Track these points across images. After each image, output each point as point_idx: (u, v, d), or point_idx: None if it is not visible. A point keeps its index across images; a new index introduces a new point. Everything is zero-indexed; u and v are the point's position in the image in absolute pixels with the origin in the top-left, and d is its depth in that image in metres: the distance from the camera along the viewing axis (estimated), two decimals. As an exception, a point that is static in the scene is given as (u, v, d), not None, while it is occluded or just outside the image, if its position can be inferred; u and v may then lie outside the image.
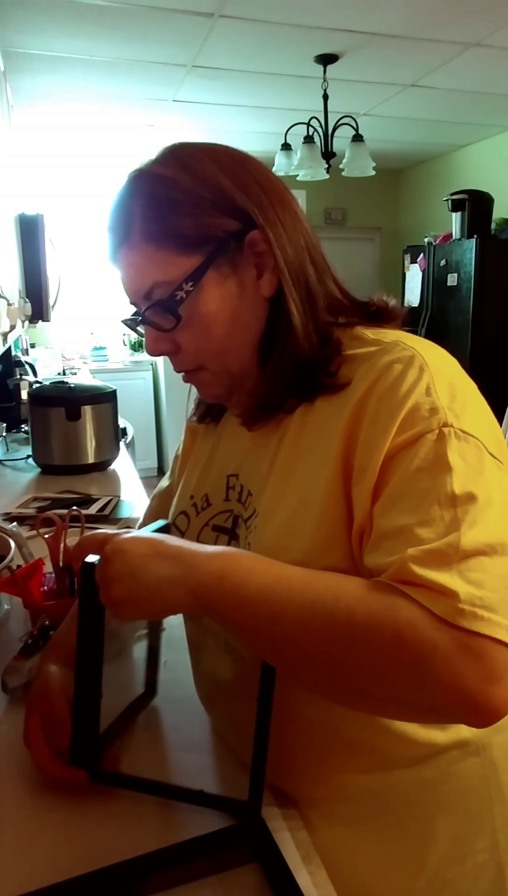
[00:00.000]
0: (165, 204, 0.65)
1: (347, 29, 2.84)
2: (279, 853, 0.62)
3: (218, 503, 0.78)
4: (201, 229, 0.65)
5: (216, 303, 0.67)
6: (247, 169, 0.68)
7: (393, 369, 0.60)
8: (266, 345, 0.70)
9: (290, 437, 0.69)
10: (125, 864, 0.61)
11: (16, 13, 2.62)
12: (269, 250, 0.67)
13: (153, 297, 0.67)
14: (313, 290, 0.69)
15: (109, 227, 0.70)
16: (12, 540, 1.09)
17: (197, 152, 0.68)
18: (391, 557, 0.54)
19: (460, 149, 5.13)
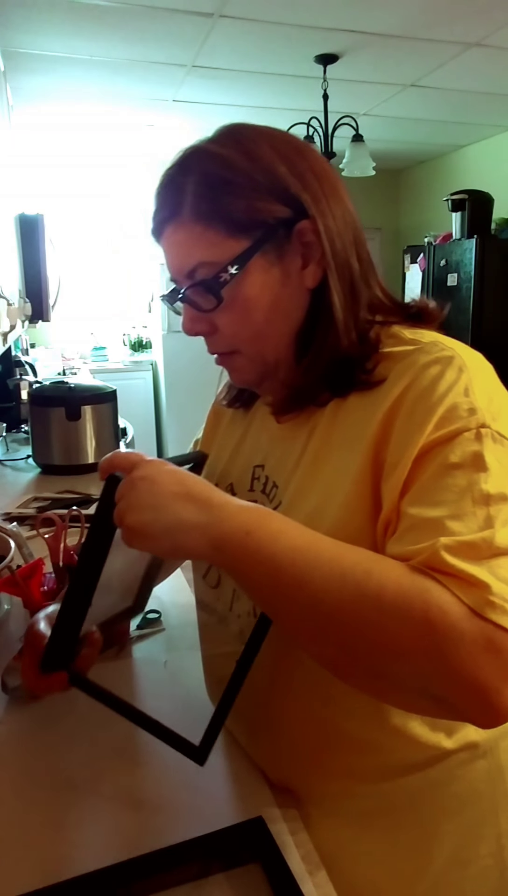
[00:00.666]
0: (218, 184, 0.64)
1: (347, 29, 2.84)
2: (280, 853, 0.62)
3: (242, 493, 0.77)
4: (252, 213, 0.64)
5: (259, 288, 0.66)
6: (304, 157, 0.67)
7: (432, 369, 0.60)
8: (304, 336, 0.69)
9: (320, 430, 0.69)
10: (125, 864, 0.61)
11: (16, 13, 2.62)
12: (317, 241, 0.66)
13: (196, 277, 0.66)
14: (357, 285, 0.69)
15: (158, 201, 0.69)
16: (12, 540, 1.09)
17: (256, 135, 0.66)
18: (419, 545, 0.53)
19: (460, 149, 5.13)
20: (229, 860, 0.63)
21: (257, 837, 0.64)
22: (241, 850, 0.63)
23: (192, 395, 5.02)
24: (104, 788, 0.72)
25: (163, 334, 4.92)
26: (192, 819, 0.67)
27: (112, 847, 0.64)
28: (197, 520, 0.55)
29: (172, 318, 4.90)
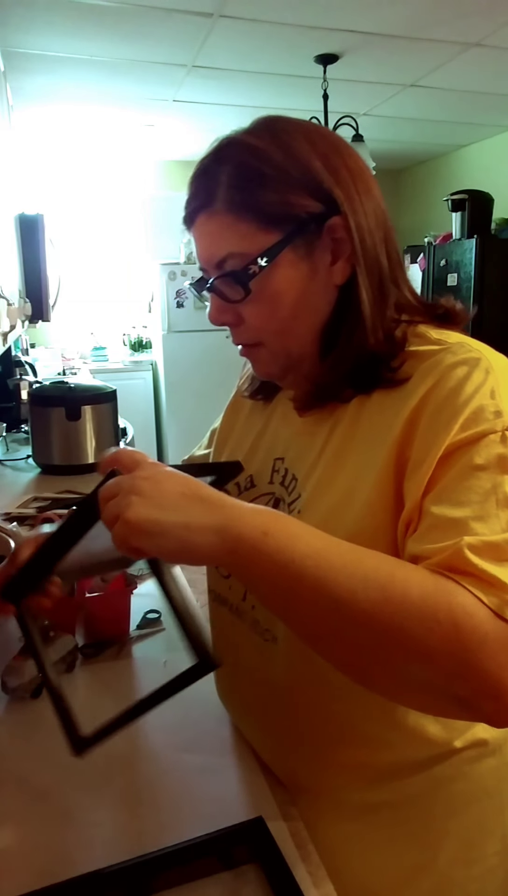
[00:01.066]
0: (253, 176, 0.64)
1: (347, 29, 2.84)
2: (280, 853, 0.62)
3: (262, 485, 0.78)
4: (285, 207, 0.64)
5: (287, 282, 0.66)
6: (340, 153, 0.67)
7: (459, 369, 0.60)
8: (329, 332, 0.69)
9: (342, 427, 0.69)
10: (125, 864, 0.61)
11: (16, 13, 2.62)
12: (347, 238, 0.66)
13: (225, 267, 0.67)
14: (386, 284, 0.69)
15: (192, 190, 0.69)
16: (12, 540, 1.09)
17: (292, 128, 0.67)
18: (441, 544, 0.53)
19: (460, 149, 5.13)
20: (229, 860, 0.63)
21: (257, 837, 0.64)
22: (241, 850, 0.63)
23: (192, 395, 5.02)
24: (104, 789, 0.72)
25: (163, 334, 4.92)
26: (192, 819, 0.67)
27: (112, 847, 0.64)
28: (208, 520, 0.51)
29: (172, 318, 4.90)
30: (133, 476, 0.53)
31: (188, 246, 4.92)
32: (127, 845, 0.64)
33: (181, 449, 5.07)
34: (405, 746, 0.70)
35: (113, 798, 0.71)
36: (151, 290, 5.11)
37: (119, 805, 0.70)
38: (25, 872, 0.62)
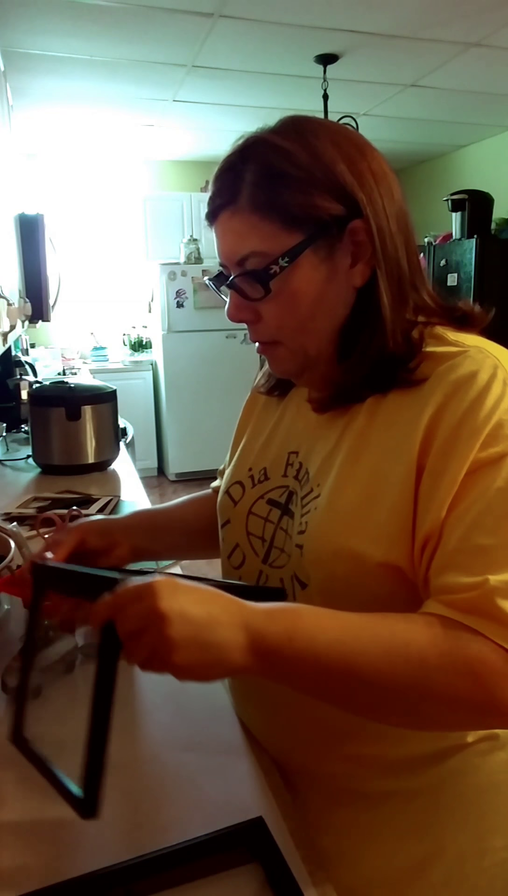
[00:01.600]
0: (278, 176, 0.65)
1: (347, 29, 2.84)
2: (280, 853, 0.62)
3: (276, 478, 0.79)
4: (308, 209, 0.65)
5: (307, 282, 0.67)
6: (364, 155, 0.68)
7: (478, 380, 0.61)
8: (347, 333, 0.70)
9: (358, 425, 0.70)
10: (125, 864, 0.61)
11: (16, 13, 2.62)
12: (368, 241, 0.67)
13: (246, 265, 0.67)
14: (405, 287, 0.70)
15: (216, 186, 0.69)
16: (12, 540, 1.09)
17: (319, 130, 0.67)
18: (470, 578, 0.56)
19: (460, 149, 5.13)
20: (229, 860, 0.62)
21: (257, 837, 0.64)
22: (241, 850, 0.63)
23: (192, 395, 5.02)
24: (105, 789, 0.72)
25: (163, 334, 4.92)
26: (192, 819, 0.67)
27: (112, 847, 0.64)
28: (240, 640, 0.54)
29: (172, 318, 4.90)
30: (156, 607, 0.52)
31: (188, 246, 4.93)
32: (127, 845, 0.64)
33: (181, 449, 5.08)
34: (417, 740, 0.71)
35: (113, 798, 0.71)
36: (151, 290, 5.12)
37: (119, 805, 0.70)
38: (25, 872, 0.62)
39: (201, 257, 4.93)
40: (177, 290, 4.86)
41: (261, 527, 0.78)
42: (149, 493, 2.03)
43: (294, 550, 0.71)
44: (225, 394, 5.05)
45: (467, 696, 0.55)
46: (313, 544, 0.68)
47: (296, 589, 0.71)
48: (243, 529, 0.80)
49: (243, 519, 0.80)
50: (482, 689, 0.54)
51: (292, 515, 0.74)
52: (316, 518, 0.69)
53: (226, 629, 0.54)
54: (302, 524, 0.71)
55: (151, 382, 5.27)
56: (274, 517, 0.77)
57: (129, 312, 5.54)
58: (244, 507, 0.80)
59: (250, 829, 0.64)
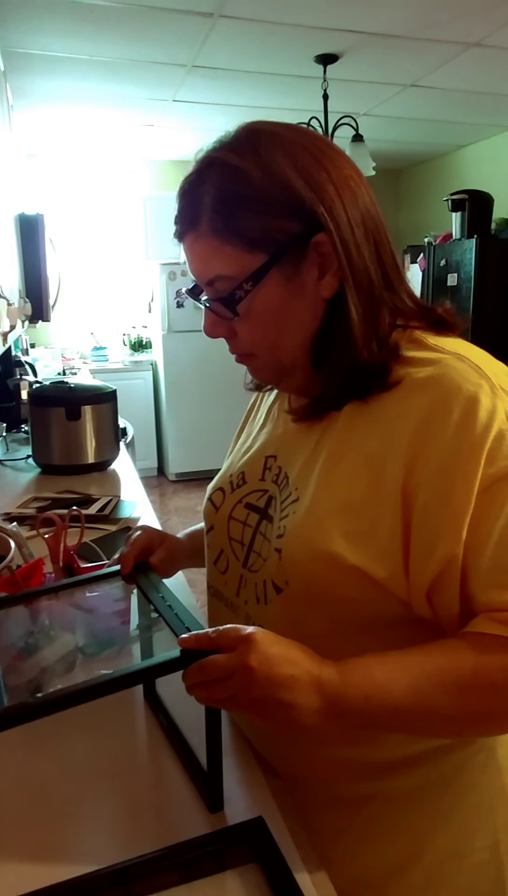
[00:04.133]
0: (234, 200, 0.64)
1: (347, 29, 2.84)
2: (280, 853, 0.62)
3: (253, 482, 0.79)
4: (267, 231, 0.64)
5: (275, 301, 0.67)
6: (322, 165, 0.66)
7: (463, 391, 0.60)
8: (320, 343, 0.70)
9: (338, 430, 0.69)
10: (125, 864, 0.61)
11: (16, 13, 2.62)
12: (333, 253, 0.66)
13: (215, 287, 0.68)
14: (377, 294, 0.68)
15: (179, 208, 0.69)
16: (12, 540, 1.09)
17: (273, 143, 0.65)
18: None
19: (460, 149, 5.13)
20: (229, 860, 0.63)
21: (257, 837, 0.64)
22: (241, 850, 0.63)
23: (192, 395, 5.02)
24: (104, 789, 0.72)
25: (163, 334, 4.92)
26: (192, 819, 0.67)
27: (112, 847, 0.64)
28: (311, 704, 0.57)
29: (172, 318, 4.90)
30: (247, 661, 0.57)
31: (188, 246, 4.93)
32: (127, 845, 0.64)
33: (181, 449, 5.08)
34: (396, 743, 0.71)
35: (113, 798, 0.71)
36: (151, 290, 5.11)
37: (119, 805, 0.70)
38: (25, 872, 0.62)
39: (201, 257, 4.93)
40: (177, 290, 4.86)
41: (241, 531, 0.78)
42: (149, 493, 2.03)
43: (272, 554, 0.71)
44: (225, 394, 5.04)
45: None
46: (291, 547, 0.68)
47: (270, 594, 0.71)
48: (226, 535, 0.80)
49: (225, 524, 0.80)
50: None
51: (271, 520, 0.74)
52: (295, 521, 0.69)
53: (303, 693, 0.57)
54: (281, 528, 0.71)
55: (151, 382, 5.27)
56: (252, 521, 0.77)
57: (129, 312, 5.54)
58: (225, 512, 0.81)
59: (250, 829, 0.64)
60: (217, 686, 0.58)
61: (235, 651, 0.58)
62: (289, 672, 0.57)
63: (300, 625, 0.68)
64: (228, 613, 0.79)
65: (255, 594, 0.74)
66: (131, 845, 0.64)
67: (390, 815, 0.73)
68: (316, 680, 0.58)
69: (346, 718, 0.58)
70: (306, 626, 0.68)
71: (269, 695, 0.57)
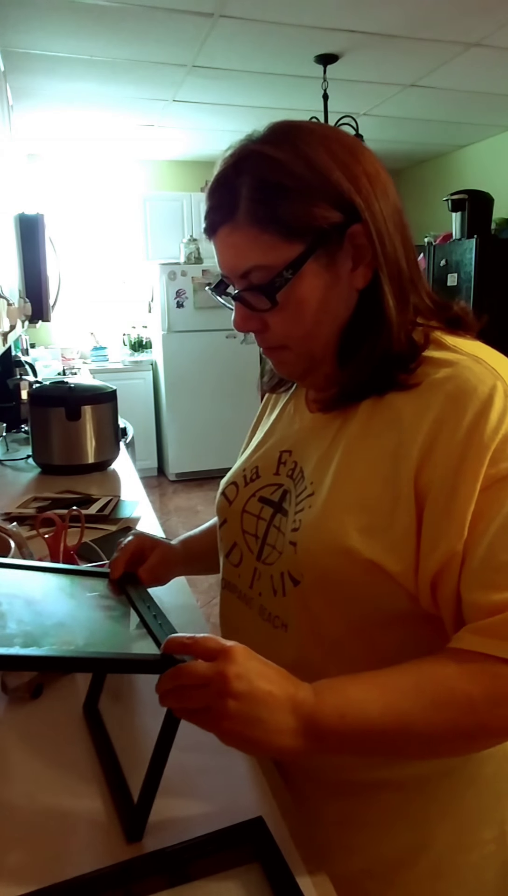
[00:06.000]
0: (274, 189, 0.64)
1: (347, 29, 2.84)
2: (279, 853, 0.62)
3: (267, 476, 0.80)
4: (307, 219, 0.65)
5: (312, 291, 0.67)
6: (357, 159, 0.67)
7: (478, 393, 0.61)
8: (350, 334, 0.71)
9: (355, 426, 0.70)
10: (125, 864, 0.61)
11: (16, 13, 2.62)
12: (368, 244, 0.67)
13: (250, 279, 0.68)
14: (406, 286, 0.70)
15: (212, 201, 0.69)
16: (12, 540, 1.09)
17: (311, 137, 0.66)
18: (498, 595, 0.58)
19: (460, 149, 5.13)
20: (229, 860, 0.63)
21: (257, 837, 0.64)
22: (241, 850, 0.63)
23: (192, 395, 5.02)
24: (104, 789, 0.72)
25: (163, 334, 4.92)
26: (192, 819, 0.67)
27: (112, 847, 0.64)
28: (287, 724, 0.57)
29: (172, 318, 4.90)
30: (225, 671, 0.56)
31: (188, 246, 4.92)
32: (127, 845, 0.64)
33: (181, 449, 5.08)
34: None
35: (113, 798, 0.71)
36: (151, 289, 5.12)
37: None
38: (25, 872, 0.62)
39: (201, 257, 4.94)
40: (177, 290, 4.86)
41: (254, 524, 0.79)
42: (149, 493, 2.03)
43: (287, 547, 0.72)
44: (225, 394, 5.05)
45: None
46: (306, 541, 0.69)
47: (287, 586, 0.72)
48: (239, 528, 0.81)
49: (239, 517, 0.82)
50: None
51: (286, 514, 0.75)
52: (310, 515, 0.70)
53: (279, 713, 0.57)
54: (296, 521, 0.72)
55: (151, 382, 5.27)
56: (266, 515, 0.78)
57: (129, 312, 5.54)
58: (239, 506, 0.82)
59: (250, 829, 0.65)
60: (192, 694, 0.57)
61: (214, 661, 0.57)
62: (267, 688, 0.57)
63: (317, 617, 0.70)
64: (240, 606, 0.81)
65: (271, 586, 0.75)
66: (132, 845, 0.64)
67: (396, 804, 0.74)
68: (292, 698, 0.57)
69: (325, 740, 0.58)
70: (322, 618, 0.70)
71: (244, 710, 0.55)
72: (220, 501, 0.86)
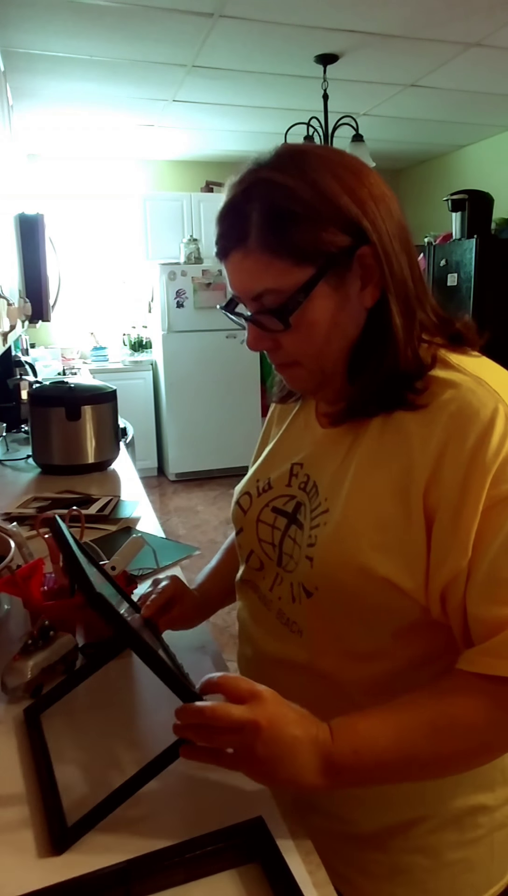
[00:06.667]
0: (285, 216, 0.66)
1: (347, 29, 2.84)
2: (280, 853, 0.62)
3: (279, 487, 0.83)
4: (318, 245, 0.67)
5: (323, 312, 0.70)
6: (362, 182, 0.69)
7: (480, 416, 0.64)
8: (359, 351, 0.73)
9: (366, 443, 0.73)
10: (125, 864, 0.61)
11: (16, 13, 2.62)
12: (376, 265, 0.69)
13: (263, 301, 0.70)
14: (412, 304, 0.72)
15: (223, 228, 0.71)
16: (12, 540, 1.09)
17: (318, 163, 0.68)
18: (499, 609, 0.62)
19: (460, 149, 5.13)
20: (229, 860, 0.63)
21: (257, 837, 0.64)
22: (241, 850, 0.63)
23: (192, 395, 5.02)
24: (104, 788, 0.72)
25: (163, 334, 4.92)
26: (192, 819, 0.67)
27: (112, 847, 0.64)
28: (312, 764, 0.61)
29: (172, 318, 4.90)
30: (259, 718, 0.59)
31: (188, 246, 4.92)
32: (127, 845, 0.64)
33: (181, 449, 5.08)
34: None
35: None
36: (151, 289, 5.12)
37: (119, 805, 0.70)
38: (25, 872, 0.62)
39: (201, 257, 4.94)
40: (177, 290, 4.86)
41: (270, 533, 0.83)
42: (149, 493, 2.03)
43: (303, 561, 0.75)
44: (225, 394, 5.05)
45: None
46: (324, 557, 0.72)
47: (301, 597, 0.76)
48: (255, 536, 0.85)
49: (254, 527, 0.85)
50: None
51: (301, 526, 0.78)
52: (326, 532, 0.73)
53: (303, 753, 0.60)
54: (311, 537, 0.74)
55: (151, 382, 5.27)
56: (281, 524, 0.81)
57: (129, 312, 5.54)
58: (253, 516, 0.85)
59: (250, 829, 0.65)
60: (222, 738, 0.61)
61: (245, 704, 0.60)
62: (294, 733, 0.60)
63: (330, 624, 0.74)
64: (260, 607, 0.84)
65: (290, 593, 0.78)
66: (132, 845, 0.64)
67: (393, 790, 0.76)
68: (313, 739, 0.61)
69: (341, 775, 0.61)
70: (336, 626, 0.74)
71: (272, 754, 0.59)
72: (235, 511, 0.89)
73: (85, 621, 1.02)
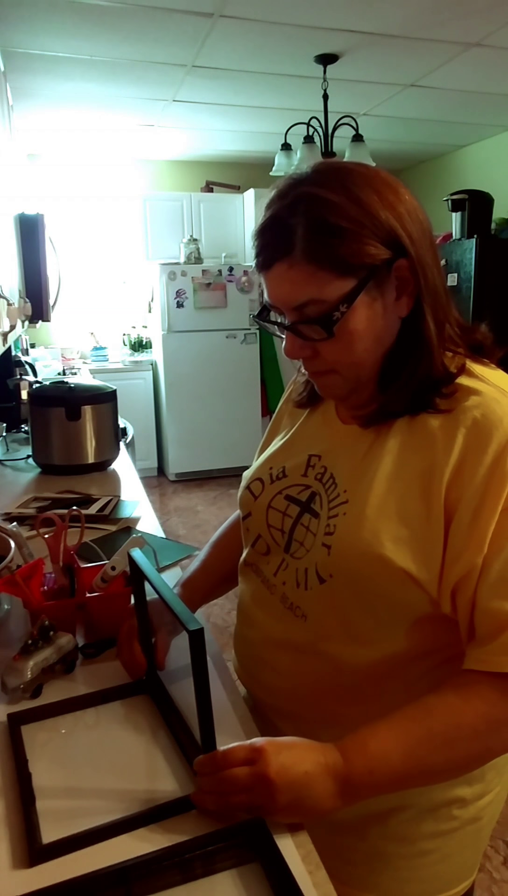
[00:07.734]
0: (330, 229, 0.69)
1: (347, 29, 2.84)
2: (279, 853, 0.62)
3: (295, 476, 0.86)
4: (361, 257, 0.70)
5: (362, 322, 0.73)
6: (400, 197, 0.73)
7: (503, 425, 0.69)
8: (393, 359, 0.76)
9: (392, 444, 0.76)
10: (125, 864, 0.61)
11: (16, 13, 2.62)
12: (411, 276, 0.73)
13: (305, 311, 0.73)
14: (442, 315, 0.76)
15: (266, 240, 0.73)
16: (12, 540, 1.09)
17: (359, 179, 0.72)
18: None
19: (460, 149, 5.13)
20: (229, 860, 0.63)
21: (257, 837, 0.64)
22: (241, 850, 0.63)
23: (192, 395, 5.02)
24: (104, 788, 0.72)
25: (163, 334, 4.92)
26: (192, 819, 0.67)
27: (112, 847, 0.64)
28: (328, 790, 0.64)
29: (172, 318, 4.90)
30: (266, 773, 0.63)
31: (188, 246, 4.92)
32: (127, 845, 0.64)
33: (181, 449, 5.08)
34: (390, 704, 0.76)
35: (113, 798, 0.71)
36: (151, 289, 5.11)
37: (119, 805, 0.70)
38: (25, 872, 0.62)
39: (201, 257, 4.94)
40: (177, 290, 4.86)
41: (280, 520, 0.85)
42: (149, 493, 2.03)
43: (320, 549, 0.78)
44: (225, 394, 5.05)
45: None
46: (342, 546, 0.75)
47: (312, 581, 0.79)
48: (264, 522, 0.87)
49: (264, 512, 0.87)
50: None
51: (317, 515, 0.81)
52: (346, 523, 0.75)
53: (319, 784, 0.64)
54: (330, 526, 0.77)
55: (151, 382, 5.27)
56: (293, 512, 0.84)
57: (129, 312, 5.54)
58: (264, 502, 0.87)
59: (250, 829, 0.65)
60: (237, 800, 0.64)
61: (251, 764, 0.64)
62: (303, 770, 0.64)
63: (338, 610, 0.77)
64: (264, 590, 0.87)
65: (295, 579, 0.81)
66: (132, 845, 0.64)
67: None
68: (324, 767, 0.64)
69: (359, 794, 0.66)
70: (344, 612, 0.76)
71: (292, 798, 0.63)
72: (244, 495, 0.91)
73: (85, 621, 1.02)
